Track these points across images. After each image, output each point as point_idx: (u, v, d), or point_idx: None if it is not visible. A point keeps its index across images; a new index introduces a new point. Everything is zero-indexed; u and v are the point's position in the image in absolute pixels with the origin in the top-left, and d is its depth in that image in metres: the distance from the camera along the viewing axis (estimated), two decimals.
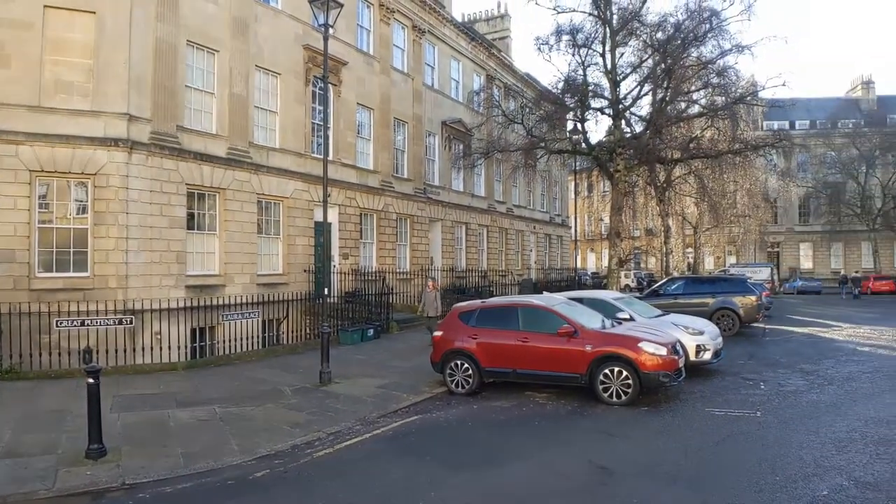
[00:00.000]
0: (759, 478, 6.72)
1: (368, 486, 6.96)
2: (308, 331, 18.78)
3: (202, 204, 17.32)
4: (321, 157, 14.86)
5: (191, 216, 16.88)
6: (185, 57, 16.76)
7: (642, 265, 60.31)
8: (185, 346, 15.69)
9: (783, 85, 23.55)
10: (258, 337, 17.53)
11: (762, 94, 27.18)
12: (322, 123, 19.29)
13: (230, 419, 9.74)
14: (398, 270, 24.54)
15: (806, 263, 57.54)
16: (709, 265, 54.03)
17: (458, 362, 11.52)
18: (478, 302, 12.77)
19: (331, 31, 13.20)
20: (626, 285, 42.79)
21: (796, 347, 16.65)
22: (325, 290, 13.94)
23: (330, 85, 20.72)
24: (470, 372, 11.40)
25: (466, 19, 39.49)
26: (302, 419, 9.76)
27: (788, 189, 49.08)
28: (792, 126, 55.10)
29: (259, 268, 18.76)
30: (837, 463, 7.10)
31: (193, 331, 16.11)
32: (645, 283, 37.59)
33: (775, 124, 50.77)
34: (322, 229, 15.97)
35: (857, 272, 50.88)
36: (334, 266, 20.77)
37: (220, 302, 16.67)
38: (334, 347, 15.04)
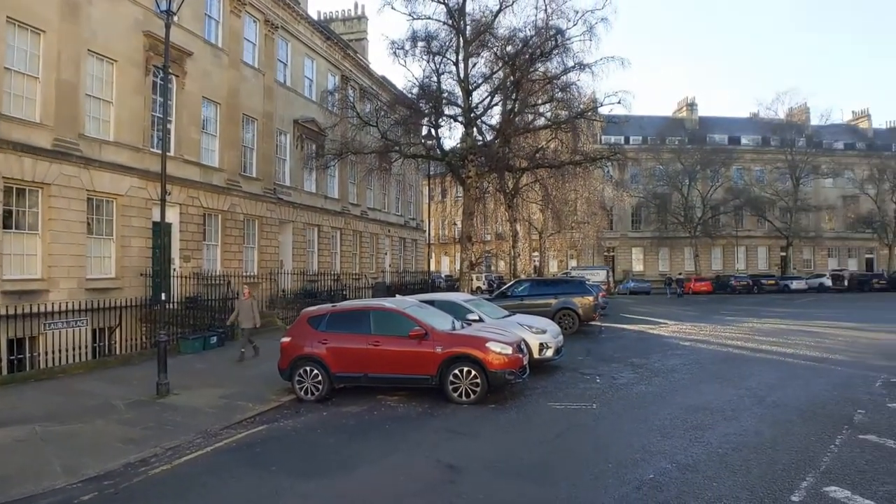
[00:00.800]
0: (595, 466, 7.17)
1: (208, 503, 6.56)
2: (144, 339, 17.43)
3: (22, 200, 15.47)
4: (161, 152, 13.87)
5: (8, 214, 15.03)
6: (5, 36, 14.93)
7: (493, 268, 62.62)
8: (1, 360, 13.95)
9: (618, 103, 25.22)
10: (87, 347, 15.94)
11: (601, 111, 29.25)
12: (163, 116, 18.04)
13: (53, 438, 8.79)
14: (245, 274, 23.49)
15: (637, 266, 62.73)
16: (553, 268, 57.33)
17: (308, 368, 11.22)
18: (328, 306, 12.53)
19: (175, 18, 12.41)
20: (478, 287, 44.12)
21: (628, 343, 18.07)
22: (163, 295, 13.01)
23: (172, 76, 19.47)
24: (320, 378, 11.14)
25: (323, 18, 38.79)
26: (136, 435, 9.01)
27: (622, 198, 53.21)
28: (627, 141, 59.98)
29: (88, 271, 17.09)
30: (662, 448, 7.75)
31: (10, 342, 14.33)
32: (495, 286, 39.02)
33: (612, 139, 55.05)
34: (161, 230, 14.88)
35: (680, 274, 56.44)
36: (175, 269, 19.48)
37: (43, 309, 15.00)
38: (174, 357, 14.13)
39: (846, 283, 51.74)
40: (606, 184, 46.04)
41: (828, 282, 51.85)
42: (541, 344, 13.01)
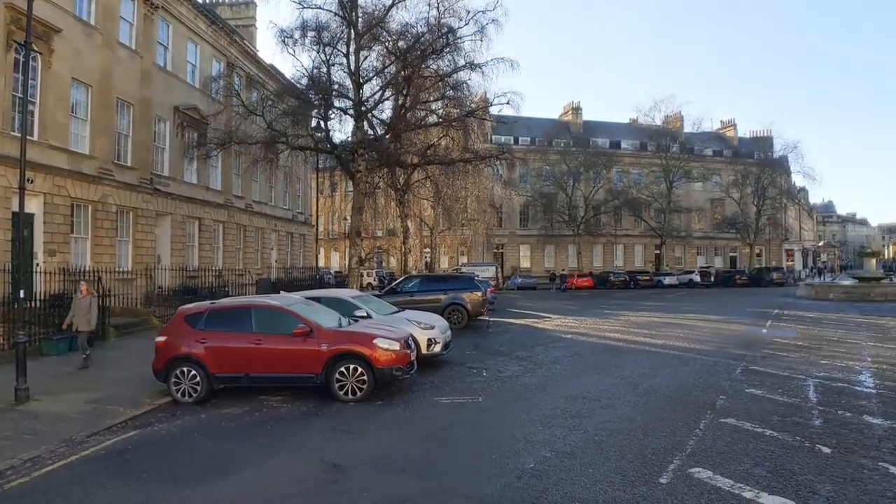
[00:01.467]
0: (479, 457, 7.26)
1: None
2: (2, 341, 15.87)
3: None
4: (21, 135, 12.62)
5: None
6: None
7: (384, 264, 62.48)
8: None
9: (507, 104, 25.82)
10: None
11: (491, 111, 29.81)
12: (23, 97, 16.46)
13: None
14: (118, 270, 21.97)
15: (525, 263, 64.74)
16: (444, 264, 58.05)
17: (185, 369, 10.63)
18: (206, 303, 11.93)
19: None
20: (369, 283, 43.89)
21: (514, 337, 18.56)
22: (21, 291, 11.88)
23: (37, 53, 17.82)
24: (198, 379, 10.58)
25: (209, 1, 37.01)
26: None
27: (511, 197, 54.78)
28: (516, 141, 61.73)
29: None
30: (543, 437, 7.98)
31: None
32: (386, 282, 38.90)
33: (503, 138, 56.40)
34: (21, 221, 13.54)
35: (563, 270, 58.79)
36: (38, 265, 17.91)
37: None
38: (35, 359, 12.99)
39: (713, 279, 56.14)
40: (496, 182, 47.09)
41: (696, 278, 55.89)
42: (429, 339, 13.07)
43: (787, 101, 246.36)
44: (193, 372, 10.60)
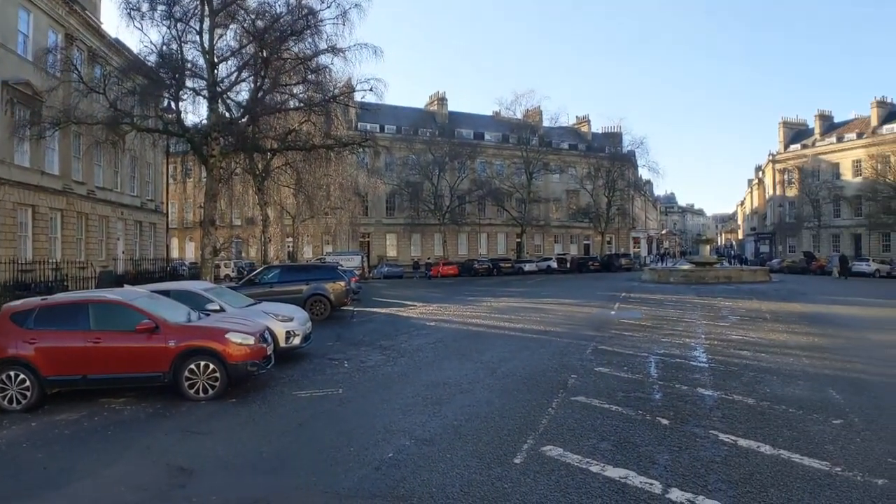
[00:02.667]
0: (336, 451, 7.06)
1: None
2: None
3: None
4: None
5: None
6: None
7: (244, 254, 59.96)
8: None
9: (371, 90, 25.40)
10: None
11: (356, 97, 29.22)
12: None
13: None
14: None
15: (392, 252, 64.78)
16: (308, 254, 56.68)
17: (12, 373, 9.47)
18: (36, 299, 10.72)
19: None
20: (227, 275, 41.89)
21: (378, 326, 18.45)
22: None
23: None
24: (27, 383, 9.47)
25: None
26: None
27: (377, 185, 54.51)
28: (382, 129, 61.40)
29: None
30: (403, 426, 7.93)
31: None
32: (246, 273, 37.32)
33: (368, 126, 55.72)
34: None
35: (429, 259, 59.50)
36: None
37: None
38: None
39: (568, 265, 59.39)
40: (361, 170, 46.57)
41: (554, 264, 58.84)
42: (287, 332, 12.61)
43: (636, 101, 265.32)
44: (22, 376, 9.49)
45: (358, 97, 29.11)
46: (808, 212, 67.90)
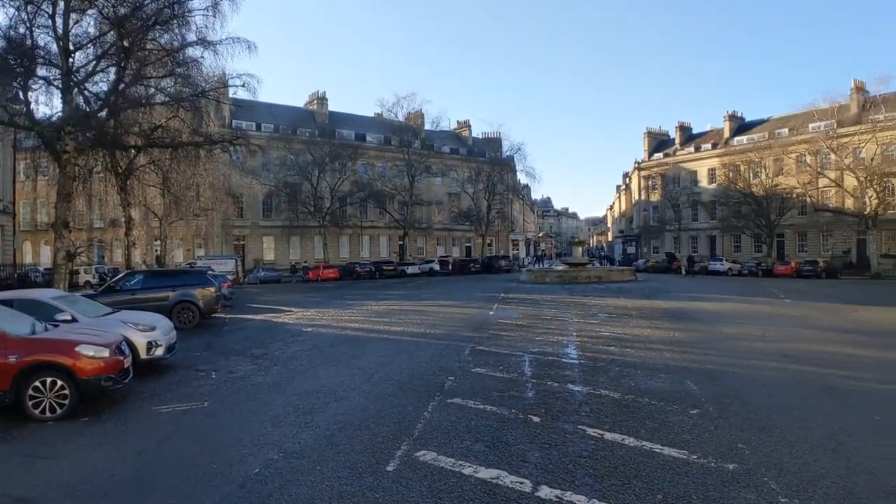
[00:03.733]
0: (199, 469, 6.57)
1: None
2: None
3: None
4: None
5: None
6: None
7: (106, 259, 55.74)
8: None
9: (243, 86, 24.40)
10: None
11: (230, 93, 27.93)
12: None
13: None
14: None
15: (269, 255, 62.54)
16: (179, 258, 53.43)
17: None
18: None
19: None
20: (87, 282, 38.83)
21: (251, 334, 17.65)
22: None
23: None
24: None
25: None
26: None
27: (252, 186, 52.41)
28: (259, 128, 59.29)
29: None
30: (272, 439, 7.53)
31: None
32: (109, 278, 34.66)
33: (244, 124, 53.74)
34: None
35: (305, 262, 58.18)
36: None
37: None
38: None
39: (451, 267, 60.21)
40: (234, 170, 44.64)
41: (436, 266, 59.47)
42: (149, 342, 11.71)
43: (515, 109, 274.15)
44: None
45: (231, 93, 27.90)
46: (669, 215, 72.95)
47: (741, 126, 72.80)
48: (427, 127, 69.20)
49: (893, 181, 51.05)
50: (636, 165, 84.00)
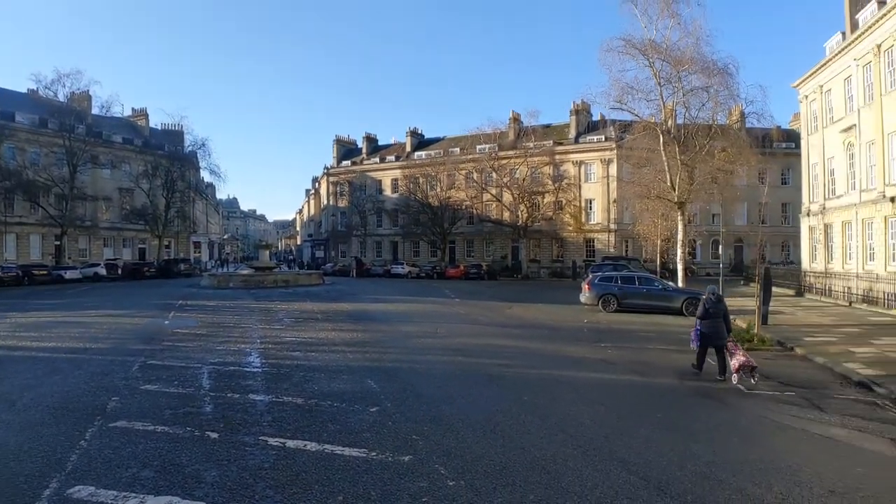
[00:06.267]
0: None
1: None
2: None
3: None
4: None
5: None
6: None
7: None
8: None
9: None
10: None
11: None
12: None
13: None
14: None
15: None
16: None
17: None
18: None
19: None
20: None
21: None
22: None
23: None
24: None
25: None
26: None
27: None
28: None
29: None
30: None
31: None
32: None
33: None
34: None
35: None
36: None
37: None
38: None
39: (120, 271, 54.02)
40: None
41: (103, 271, 52.68)
42: None
43: (198, 98, 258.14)
44: None
45: None
46: (356, 221, 76.00)
47: (421, 142, 79.47)
48: (95, 111, 60.92)
49: (539, 199, 60.68)
50: (326, 171, 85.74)
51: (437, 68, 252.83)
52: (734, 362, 11.20)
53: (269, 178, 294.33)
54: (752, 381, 11.08)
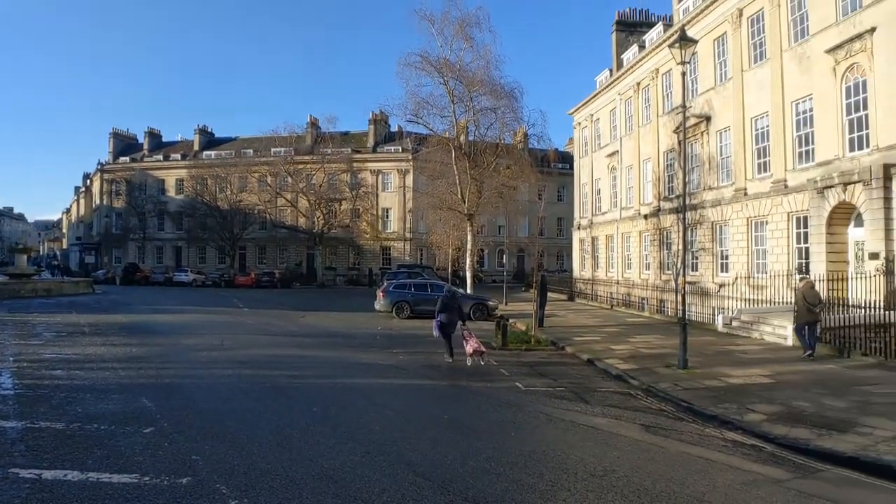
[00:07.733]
0: None
1: None
2: None
3: None
4: None
5: None
6: None
7: None
8: None
9: None
10: None
11: None
12: None
13: None
14: None
15: None
16: None
17: None
18: None
19: None
20: None
21: None
22: None
23: None
24: None
25: None
26: None
27: None
28: None
29: None
30: None
31: None
32: None
33: None
34: None
35: None
36: None
37: None
38: None
39: None
40: None
41: None
42: None
43: None
44: None
45: None
46: (134, 223, 69.65)
47: (211, 141, 75.04)
48: None
49: (336, 206, 60.41)
50: (100, 167, 77.31)
51: (232, 64, 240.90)
52: (468, 347, 13.86)
53: (29, 173, 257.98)
54: (482, 362, 13.80)
